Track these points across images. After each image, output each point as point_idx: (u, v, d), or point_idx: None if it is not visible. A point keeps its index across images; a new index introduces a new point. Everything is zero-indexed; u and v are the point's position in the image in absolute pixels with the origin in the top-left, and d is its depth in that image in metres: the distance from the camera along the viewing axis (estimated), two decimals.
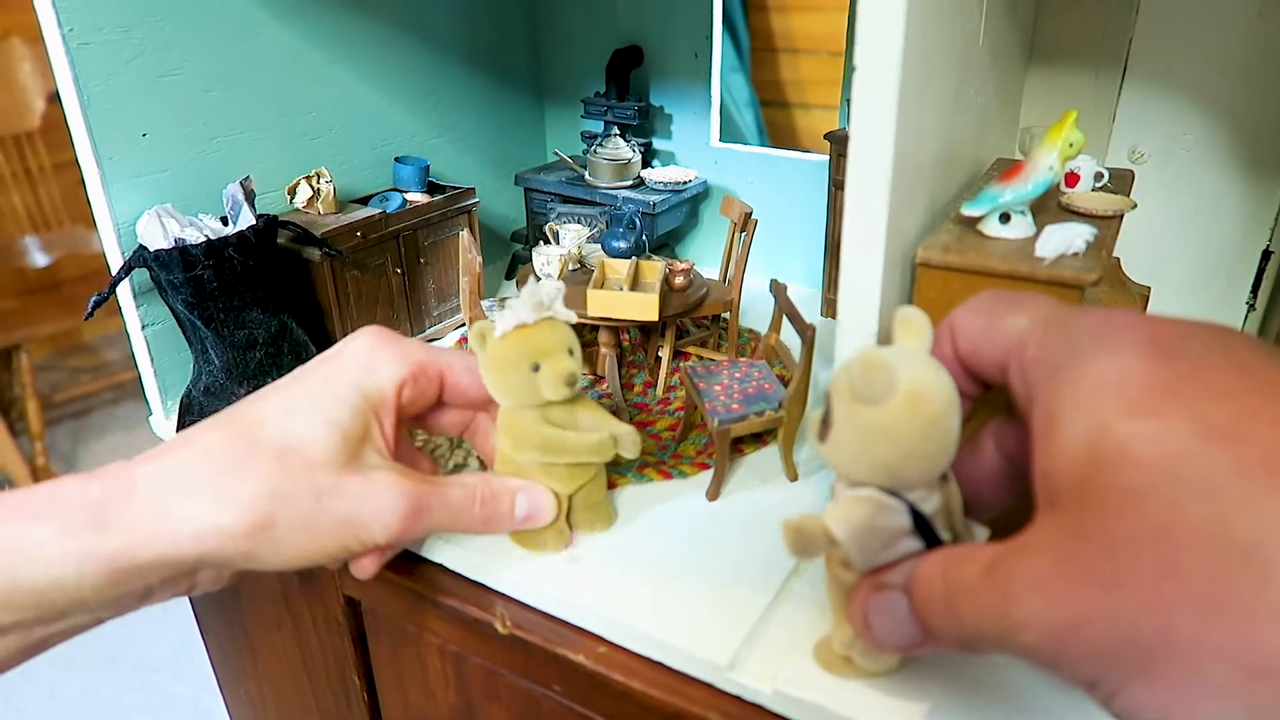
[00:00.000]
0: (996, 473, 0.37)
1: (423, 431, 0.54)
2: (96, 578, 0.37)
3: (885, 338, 0.39)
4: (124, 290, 0.64)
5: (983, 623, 0.28)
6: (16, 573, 0.36)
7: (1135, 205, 0.51)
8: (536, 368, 0.44)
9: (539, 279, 0.67)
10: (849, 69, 0.36)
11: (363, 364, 0.45)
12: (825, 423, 0.35)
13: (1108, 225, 0.48)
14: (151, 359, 0.67)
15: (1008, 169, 0.46)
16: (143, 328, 0.65)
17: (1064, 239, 0.43)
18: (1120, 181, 0.56)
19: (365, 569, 0.46)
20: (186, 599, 0.73)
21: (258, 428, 0.41)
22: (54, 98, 2.32)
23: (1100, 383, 0.27)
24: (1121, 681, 0.25)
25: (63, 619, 0.38)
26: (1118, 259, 0.60)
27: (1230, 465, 0.24)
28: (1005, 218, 0.45)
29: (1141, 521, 0.24)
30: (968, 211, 0.46)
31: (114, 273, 0.62)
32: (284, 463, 0.40)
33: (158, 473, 0.40)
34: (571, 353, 0.45)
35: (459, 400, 0.50)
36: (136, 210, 0.63)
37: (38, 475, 2.16)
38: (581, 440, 0.47)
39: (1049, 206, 0.51)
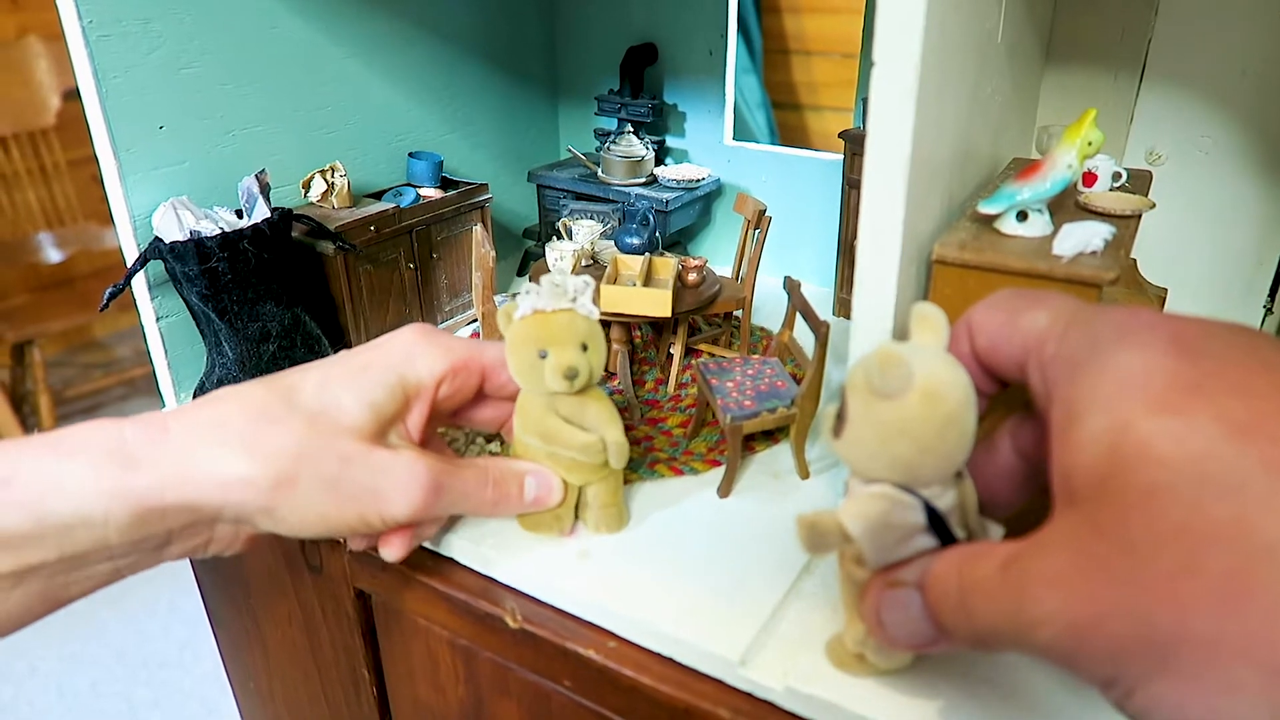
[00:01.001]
0: (1012, 471, 0.37)
1: (440, 425, 0.55)
2: (122, 515, 0.38)
3: (901, 335, 0.39)
4: (139, 282, 0.64)
5: (997, 620, 0.28)
6: (45, 507, 0.36)
7: (1154, 205, 0.50)
8: (544, 355, 0.45)
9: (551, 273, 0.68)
10: (864, 69, 0.36)
11: (405, 354, 0.46)
12: (840, 418, 0.34)
13: (1126, 225, 0.47)
14: (165, 351, 0.67)
15: (1026, 167, 0.46)
16: (157, 320, 0.66)
17: (1082, 237, 0.42)
18: (1138, 182, 0.55)
19: (395, 549, 0.47)
20: (199, 597, 0.73)
21: (294, 392, 0.42)
22: (69, 95, 2.34)
23: (1122, 380, 0.27)
24: (1139, 679, 0.25)
25: (84, 564, 0.39)
26: (1134, 260, 0.60)
27: (1255, 463, 0.23)
28: (1022, 216, 0.45)
29: (1162, 518, 0.24)
30: (985, 209, 0.46)
31: (129, 265, 0.62)
32: (315, 425, 0.41)
33: (191, 422, 0.40)
34: (586, 348, 0.45)
35: (499, 393, 0.50)
36: (153, 202, 0.63)
37: None
38: (573, 437, 0.47)
39: (1066, 205, 0.50)
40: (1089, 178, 0.53)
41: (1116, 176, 0.53)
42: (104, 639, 1.77)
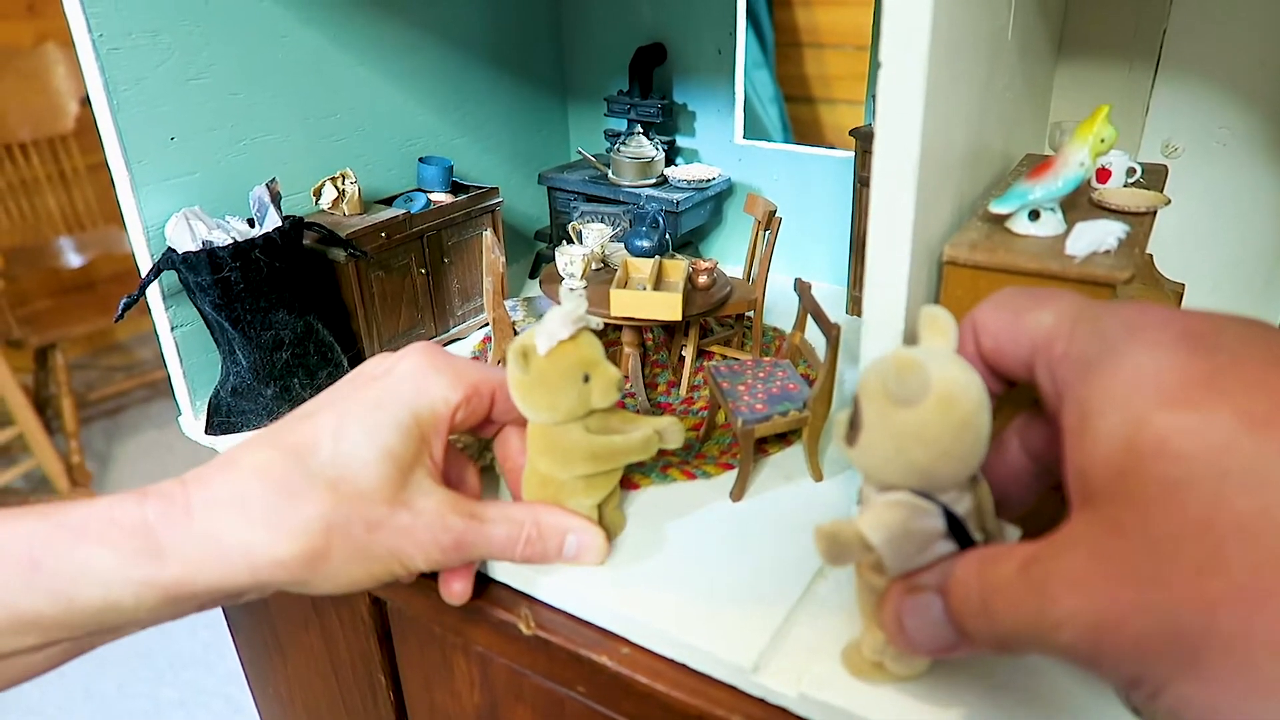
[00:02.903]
0: (1021, 471, 0.37)
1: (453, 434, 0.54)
2: (153, 602, 0.38)
3: (912, 337, 0.39)
4: (153, 292, 0.65)
5: (1019, 622, 0.28)
6: (75, 596, 0.36)
7: (1169, 201, 0.49)
8: (587, 378, 0.44)
9: (563, 278, 0.67)
10: (874, 64, 0.36)
11: (416, 385, 0.45)
12: (853, 426, 0.34)
13: (1140, 222, 0.47)
14: (180, 360, 0.67)
15: (1038, 165, 0.45)
16: (172, 329, 0.66)
17: (1096, 236, 0.42)
18: (1153, 177, 0.55)
19: (456, 595, 0.48)
20: None
21: (310, 453, 0.41)
22: (87, 101, 2.36)
23: (1135, 377, 0.27)
24: (1165, 679, 0.24)
25: (115, 632, 0.39)
26: (1150, 256, 0.59)
27: (1277, 456, 0.23)
28: (1035, 215, 0.45)
29: (1183, 515, 0.24)
30: (996, 209, 0.45)
31: (143, 275, 0.62)
32: (338, 493, 0.40)
33: (211, 500, 0.40)
34: (605, 356, 0.46)
35: (504, 417, 0.50)
36: (165, 213, 0.63)
37: (72, 472, 2.20)
38: (629, 441, 0.46)
39: (1080, 203, 0.50)
40: (1103, 174, 0.52)
41: (1131, 172, 0.52)
42: (129, 640, 1.78)
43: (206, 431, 0.66)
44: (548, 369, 0.43)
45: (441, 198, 0.80)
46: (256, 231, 0.64)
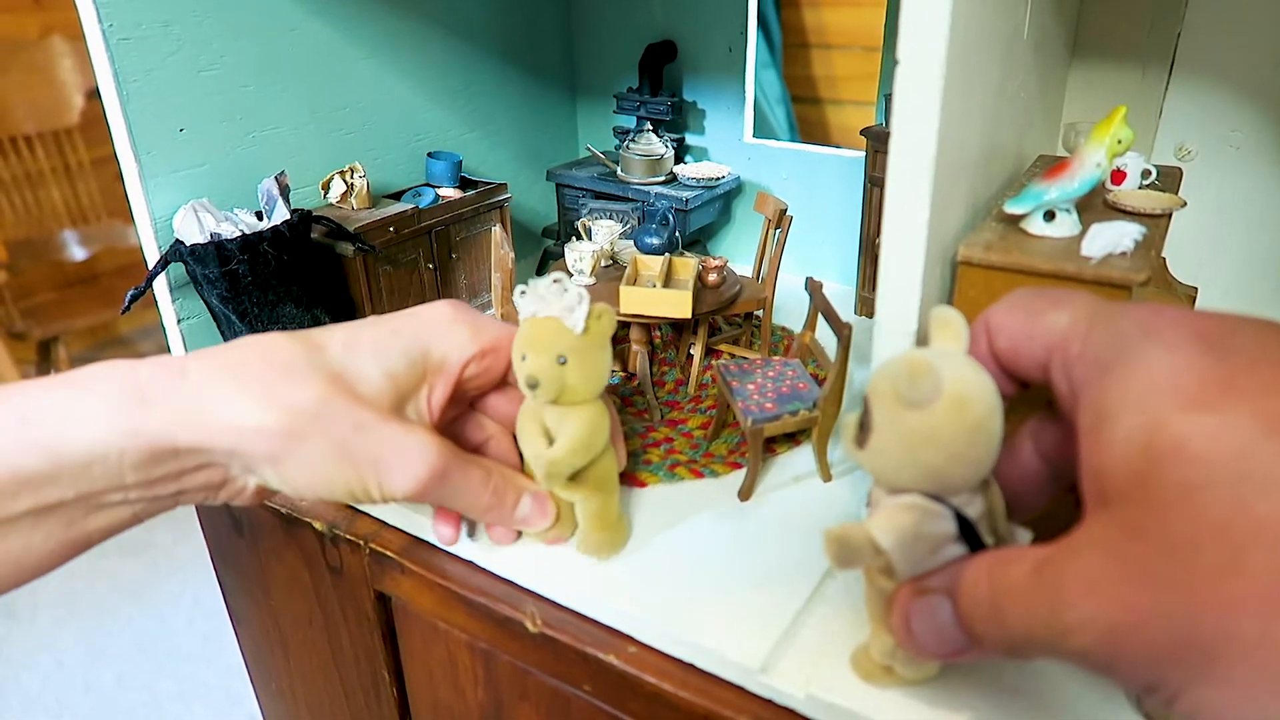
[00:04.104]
0: (1034, 473, 0.36)
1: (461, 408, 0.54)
2: (135, 453, 0.38)
3: (924, 338, 0.39)
4: (160, 284, 0.65)
5: (1032, 626, 0.28)
6: (61, 445, 0.37)
7: (1184, 203, 0.49)
8: (524, 359, 0.44)
9: (571, 275, 0.67)
10: (886, 64, 0.35)
11: (436, 328, 0.46)
12: (863, 428, 0.34)
13: (1156, 224, 0.46)
14: (186, 352, 0.67)
15: (1053, 166, 0.45)
16: (178, 322, 0.66)
17: (1111, 238, 0.42)
18: (1168, 179, 0.54)
19: (446, 538, 0.50)
20: (219, 594, 0.74)
21: (319, 350, 0.42)
22: (93, 94, 2.36)
23: (1152, 379, 0.27)
24: (1183, 684, 0.24)
25: (101, 503, 0.39)
26: (1164, 259, 0.59)
27: None
28: (1050, 216, 0.44)
29: (1201, 518, 0.24)
30: (1011, 209, 0.45)
31: (151, 267, 0.62)
32: (334, 386, 0.41)
33: (210, 365, 0.40)
34: (564, 361, 0.44)
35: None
36: (173, 205, 0.63)
37: None
38: (525, 446, 0.48)
39: (1094, 204, 0.49)
40: (1118, 176, 0.51)
41: (1146, 174, 0.52)
42: (129, 633, 1.79)
43: None
44: (523, 332, 0.45)
45: (450, 193, 0.79)
46: (265, 224, 0.64)
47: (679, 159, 0.96)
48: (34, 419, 0.37)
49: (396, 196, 0.78)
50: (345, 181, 0.73)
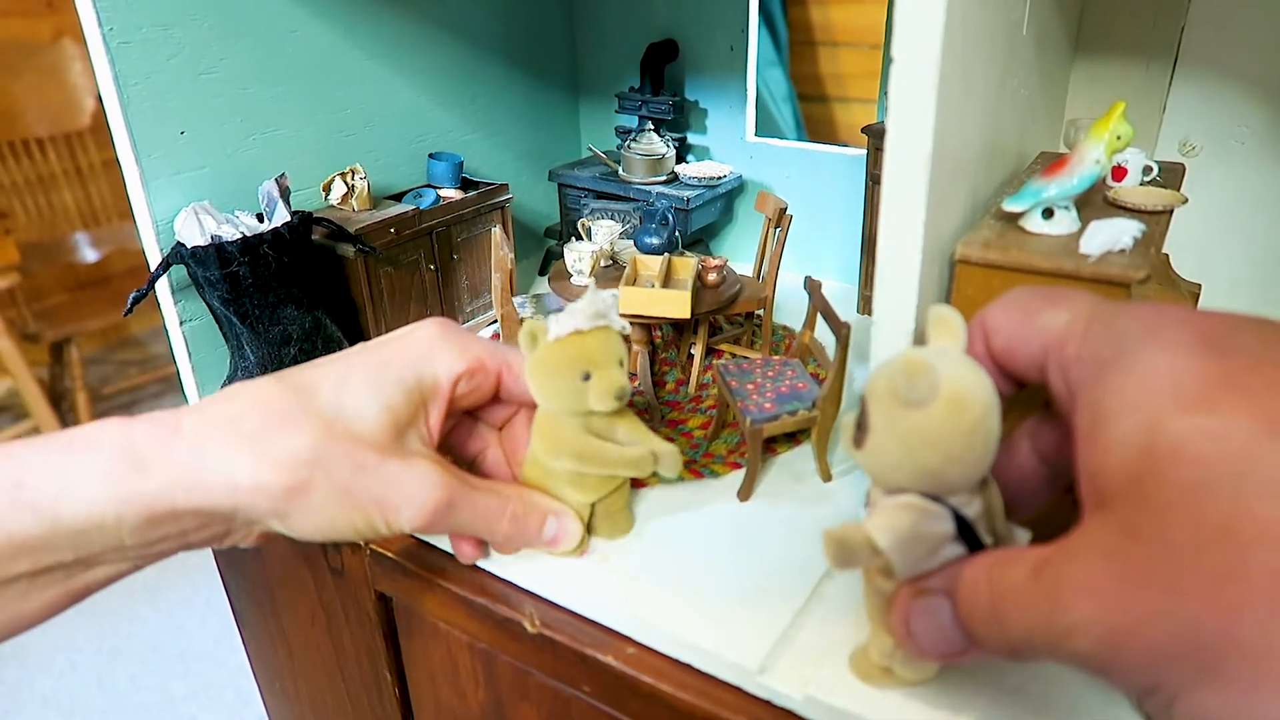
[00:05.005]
0: (1032, 474, 0.36)
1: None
2: (134, 519, 0.37)
3: (922, 336, 0.38)
4: (163, 287, 0.65)
5: (1031, 628, 0.27)
6: (58, 511, 0.36)
7: (1185, 200, 0.49)
8: (587, 376, 0.44)
9: (571, 275, 0.67)
10: (888, 61, 0.35)
11: (423, 352, 0.45)
12: (861, 428, 0.34)
13: (1156, 221, 0.46)
14: (189, 355, 0.67)
15: (1052, 163, 0.45)
16: (181, 324, 0.66)
17: (1110, 235, 0.41)
18: (1170, 175, 0.54)
19: (466, 555, 0.49)
20: (225, 596, 0.74)
21: (310, 392, 0.41)
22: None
23: (1151, 379, 0.26)
24: (1182, 688, 0.24)
25: (100, 563, 0.39)
26: (1166, 255, 0.58)
27: None
28: (1049, 213, 0.44)
29: (1203, 520, 0.23)
30: (1009, 207, 0.44)
31: (153, 269, 0.62)
32: (330, 430, 0.40)
33: (204, 421, 0.40)
34: (621, 364, 0.45)
35: (513, 398, 0.49)
36: (175, 207, 0.64)
37: None
38: (621, 454, 0.46)
39: (1095, 201, 0.49)
40: (1119, 172, 0.51)
41: (1147, 170, 0.52)
42: (141, 633, 1.80)
43: None
44: (549, 356, 0.44)
45: (451, 194, 0.80)
46: (265, 226, 0.64)
47: (681, 158, 0.96)
48: (28, 484, 0.36)
49: (398, 198, 0.78)
50: (346, 183, 0.73)
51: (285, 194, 0.65)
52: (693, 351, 0.69)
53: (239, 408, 0.40)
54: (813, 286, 0.59)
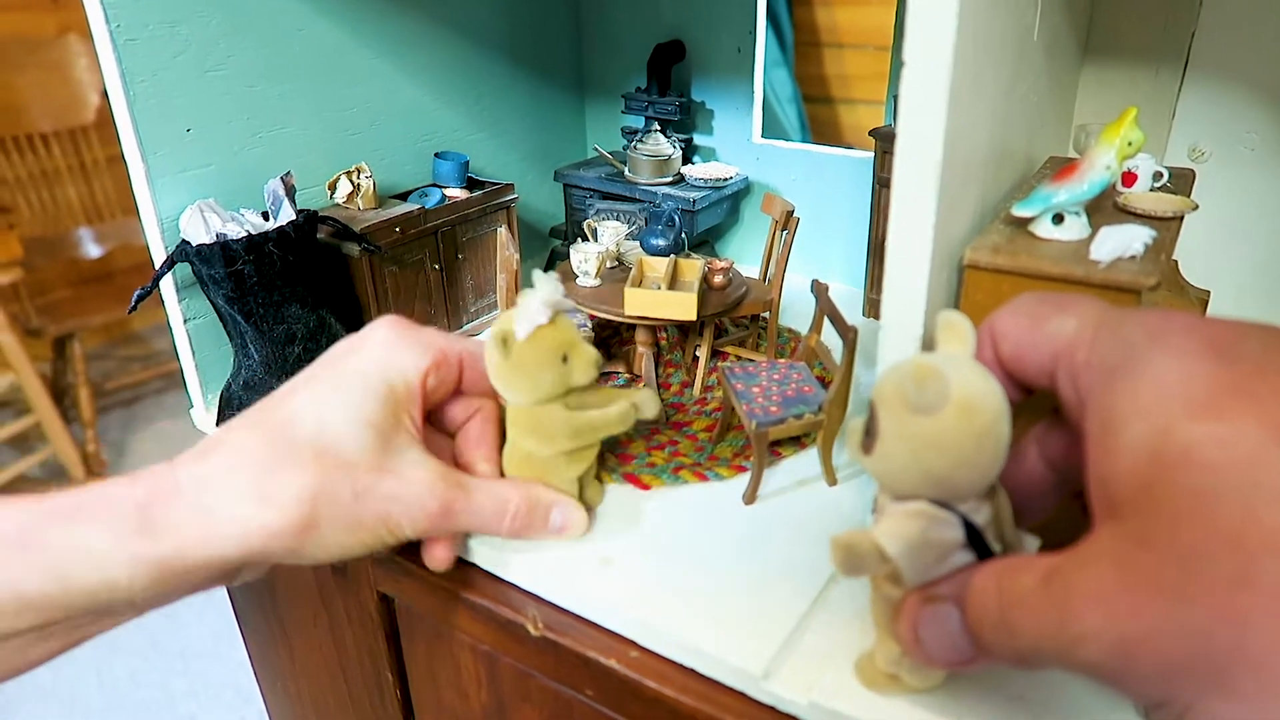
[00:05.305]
0: (1040, 480, 0.36)
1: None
2: (147, 579, 0.38)
3: (930, 342, 0.38)
4: (167, 284, 0.65)
5: (1040, 637, 0.27)
6: (69, 576, 0.37)
7: (1196, 206, 0.48)
8: (565, 359, 0.46)
9: (576, 276, 0.67)
10: (896, 64, 0.35)
11: (387, 356, 0.45)
12: (869, 434, 0.33)
13: (1167, 227, 0.46)
14: (193, 352, 0.67)
15: (1062, 168, 0.45)
16: (184, 322, 0.66)
17: (1121, 241, 0.41)
18: (1180, 181, 0.54)
19: (439, 561, 0.48)
20: (226, 594, 0.74)
21: (292, 427, 0.42)
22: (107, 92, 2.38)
23: (1160, 386, 0.26)
24: (1193, 699, 0.24)
25: (110, 616, 0.39)
26: (1175, 262, 0.58)
27: None
28: (1059, 219, 0.44)
29: (1212, 527, 0.23)
30: (1019, 212, 0.44)
31: (157, 267, 0.62)
32: (324, 464, 0.41)
33: (201, 476, 0.40)
34: (582, 336, 0.48)
35: (475, 388, 0.50)
36: (180, 205, 0.63)
37: (88, 461, 2.22)
38: (607, 416, 0.49)
39: (1104, 207, 0.49)
40: (1128, 178, 0.51)
41: (1158, 176, 0.52)
42: (141, 629, 1.80)
43: (218, 424, 0.66)
44: (527, 353, 0.45)
45: (457, 193, 0.79)
46: (270, 225, 0.64)
47: (687, 159, 0.95)
48: (37, 545, 0.37)
49: (403, 197, 0.78)
50: (351, 182, 0.73)
51: (290, 192, 0.65)
52: (698, 354, 0.69)
53: (229, 460, 0.41)
54: (820, 290, 0.59)
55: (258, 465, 0.40)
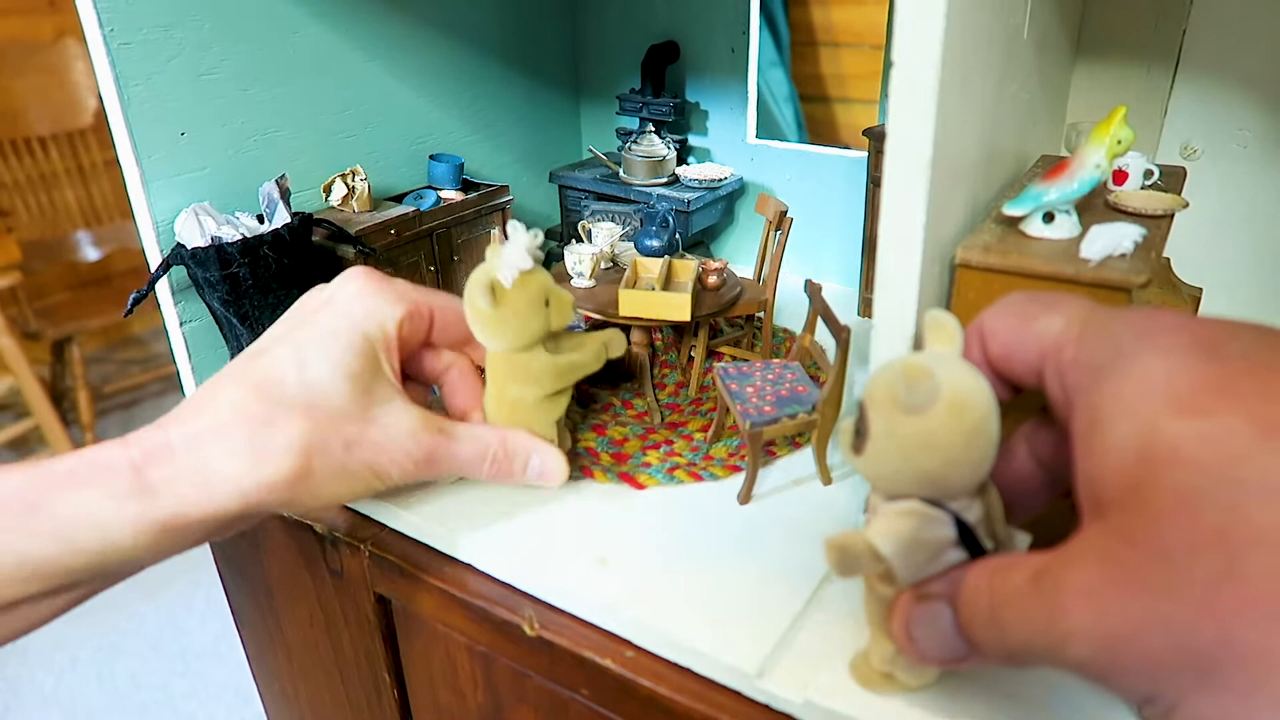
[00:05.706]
0: (1029, 478, 0.36)
1: None
2: (149, 539, 0.39)
3: (921, 342, 0.38)
4: (163, 288, 0.65)
5: (1030, 635, 0.27)
6: (74, 538, 0.38)
7: (1187, 204, 0.49)
8: (547, 303, 0.48)
9: (571, 277, 0.67)
10: (889, 64, 0.35)
11: (362, 307, 0.47)
12: (859, 434, 0.33)
13: (1157, 225, 0.46)
14: (189, 355, 0.67)
15: (1053, 167, 0.45)
16: (181, 325, 0.66)
17: (1111, 239, 0.41)
18: (1171, 179, 0.54)
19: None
20: (224, 595, 0.74)
21: (278, 385, 0.43)
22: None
23: (1147, 384, 0.26)
24: (1180, 695, 0.24)
25: (114, 577, 0.41)
26: (1168, 260, 0.58)
27: None
28: (1049, 217, 0.44)
29: (1198, 524, 0.23)
30: (1010, 211, 0.44)
31: (153, 270, 0.62)
32: (312, 417, 0.42)
33: (193, 434, 0.41)
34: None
35: (445, 339, 0.52)
36: (175, 208, 0.64)
37: None
38: (583, 357, 0.52)
39: (1095, 205, 0.49)
40: (1119, 176, 0.51)
41: (1149, 174, 0.52)
42: (142, 631, 1.80)
43: None
44: (516, 299, 0.47)
45: (452, 195, 0.80)
46: (266, 228, 0.64)
47: (682, 160, 0.96)
48: (43, 510, 0.37)
49: (398, 199, 0.78)
50: (346, 184, 0.73)
51: (285, 195, 0.65)
52: (693, 354, 0.69)
53: (221, 417, 0.42)
54: (813, 290, 0.59)
55: (250, 420, 0.41)
